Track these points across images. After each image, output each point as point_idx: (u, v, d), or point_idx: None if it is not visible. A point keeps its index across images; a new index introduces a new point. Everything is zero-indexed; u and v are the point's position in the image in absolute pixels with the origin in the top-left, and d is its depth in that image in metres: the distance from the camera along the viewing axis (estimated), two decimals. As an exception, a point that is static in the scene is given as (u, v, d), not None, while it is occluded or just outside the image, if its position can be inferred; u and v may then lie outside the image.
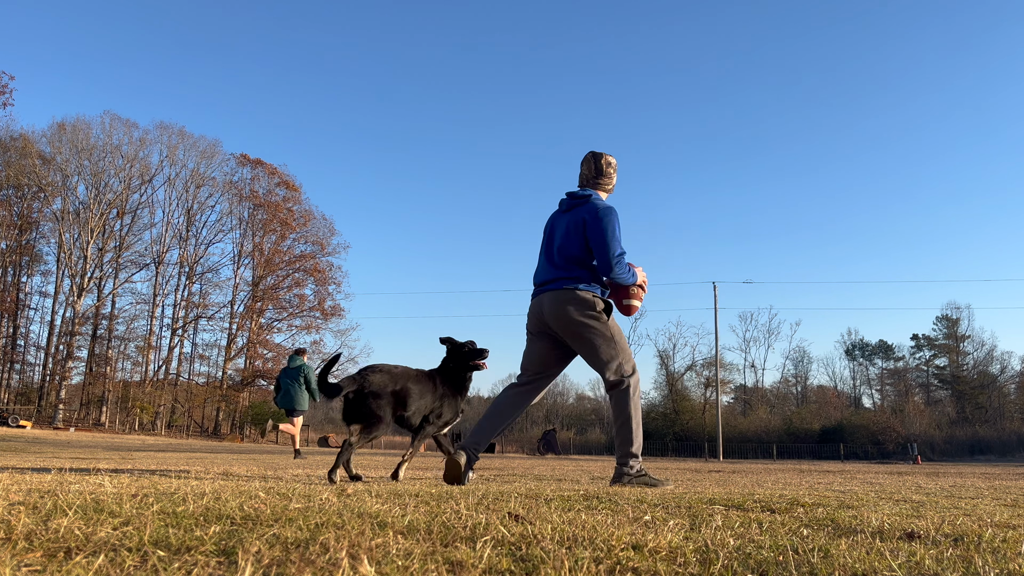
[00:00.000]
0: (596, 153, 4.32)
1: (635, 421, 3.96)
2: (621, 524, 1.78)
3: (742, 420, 47.85)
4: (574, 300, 4.00)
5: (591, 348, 4.01)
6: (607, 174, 4.30)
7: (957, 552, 1.49)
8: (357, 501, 2.16)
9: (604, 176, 4.29)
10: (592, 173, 4.30)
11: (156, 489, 2.41)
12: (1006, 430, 42.48)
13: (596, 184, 4.30)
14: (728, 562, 1.29)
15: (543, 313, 4.10)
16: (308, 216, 47.33)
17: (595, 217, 4.02)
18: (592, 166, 4.29)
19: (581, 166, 4.34)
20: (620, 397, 3.98)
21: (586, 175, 4.31)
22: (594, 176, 4.29)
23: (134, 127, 44.08)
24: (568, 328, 4.02)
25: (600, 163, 4.28)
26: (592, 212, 4.05)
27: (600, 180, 4.29)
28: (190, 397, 44.28)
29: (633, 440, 3.93)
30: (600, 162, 4.28)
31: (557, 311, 4.02)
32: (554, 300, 4.04)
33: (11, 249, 43.02)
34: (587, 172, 4.31)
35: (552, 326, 4.08)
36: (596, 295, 4.04)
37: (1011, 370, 53.98)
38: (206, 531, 1.40)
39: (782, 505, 2.48)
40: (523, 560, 1.25)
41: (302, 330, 46.42)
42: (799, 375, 61.23)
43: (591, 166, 4.30)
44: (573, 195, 4.24)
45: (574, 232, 4.09)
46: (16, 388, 45.00)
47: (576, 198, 4.22)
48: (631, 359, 4.07)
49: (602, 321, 4.00)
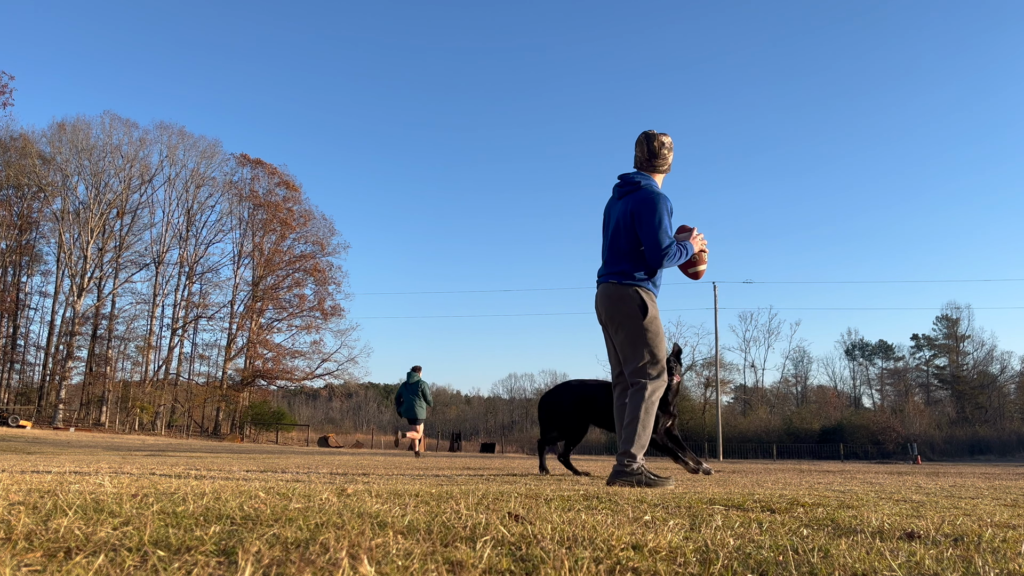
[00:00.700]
0: (649, 134, 4.20)
1: (642, 423, 3.94)
2: (621, 524, 1.78)
3: (742, 420, 47.82)
4: (616, 295, 4.05)
5: (623, 344, 4.07)
6: (661, 155, 4.18)
7: (957, 552, 1.49)
8: (357, 501, 2.16)
9: (658, 157, 4.18)
10: (645, 155, 4.19)
11: (156, 489, 2.41)
12: (1006, 430, 42.47)
13: (651, 166, 4.20)
14: (728, 562, 1.29)
15: (598, 306, 4.22)
16: (308, 216, 47.32)
17: (644, 208, 3.98)
18: (645, 148, 4.18)
19: (635, 147, 4.23)
20: (634, 396, 4.00)
21: (639, 157, 4.21)
22: (647, 158, 4.19)
23: (134, 127, 44.11)
24: (612, 322, 4.11)
25: (653, 144, 4.17)
26: (641, 202, 4.01)
27: (655, 162, 4.19)
28: (190, 397, 44.26)
29: (635, 440, 3.92)
30: (653, 143, 4.17)
31: (604, 305, 4.13)
32: (603, 294, 4.14)
33: (11, 249, 43.00)
34: (640, 154, 4.21)
35: (601, 318, 4.21)
36: (640, 289, 4.04)
37: (1011, 370, 54.01)
38: (206, 531, 1.40)
39: (782, 505, 2.48)
40: (523, 560, 1.25)
41: (302, 330, 46.43)
42: (799, 375, 61.24)
43: (644, 148, 4.19)
44: (625, 180, 4.18)
45: (623, 223, 4.07)
46: (16, 388, 44.99)
47: (627, 184, 4.15)
48: (660, 363, 4.03)
49: (636, 320, 4.00)
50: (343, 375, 46.79)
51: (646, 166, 4.21)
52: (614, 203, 4.22)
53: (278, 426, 44.96)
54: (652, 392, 3.98)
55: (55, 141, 42.08)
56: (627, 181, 4.17)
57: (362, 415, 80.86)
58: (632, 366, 4.02)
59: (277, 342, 46.08)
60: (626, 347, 4.05)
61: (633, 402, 3.98)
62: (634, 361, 4.01)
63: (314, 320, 46.22)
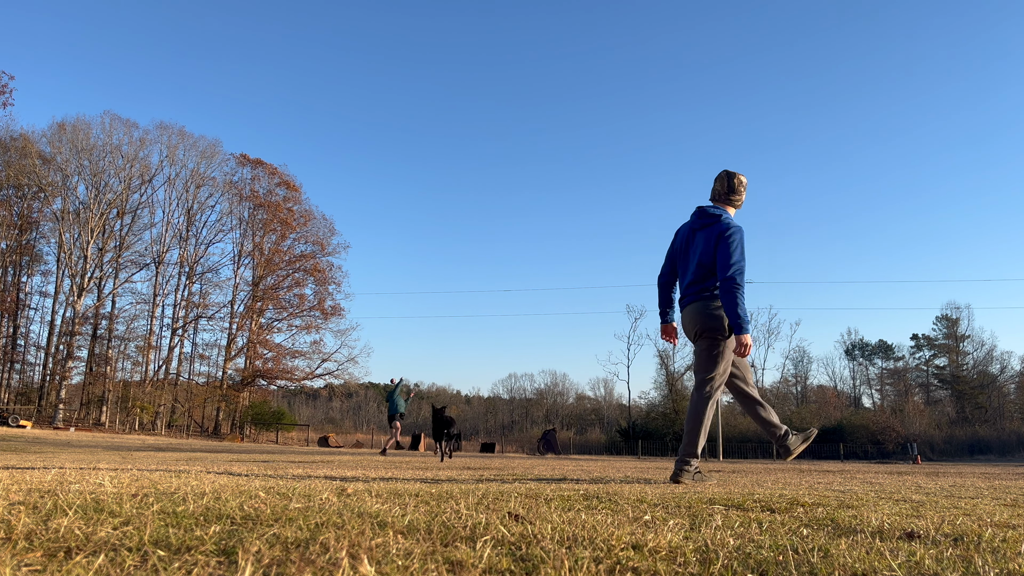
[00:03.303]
0: (729, 172, 4.68)
1: (704, 428, 4.40)
2: (621, 524, 1.78)
3: (742, 420, 47.79)
4: (707, 313, 4.46)
5: (700, 357, 4.52)
6: (738, 191, 4.66)
7: (957, 552, 1.49)
8: (357, 501, 2.16)
9: (735, 193, 4.66)
10: (724, 190, 4.66)
11: (156, 489, 2.41)
12: (1006, 430, 42.46)
13: (728, 200, 4.66)
14: (728, 562, 1.29)
15: (686, 322, 4.62)
16: (308, 216, 47.30)
17: (725, 237, 4.41)
18: (725, 183, 4.66)
19: (714, 182, 4.70)
20: (699, 400, 4.45)
21: (718, 191, 4.67)
22: (726, 192, 4.65)
23: (134, 127, 44.07)
24: (699, 336, 4.52)
25: (733, 182, 4.65)
26: (723, 232, 4.43)
27: (732, 197, 4.66)
28: (190, 397, 44.24)
29: (697, 443, 4.38)
30: (733, 180, 4.65)
31: (694, 320, 4.52)
32: (694, 311, 4.53)
33: (11, 249, 42.99)
34: (720, 188, 4.67)
35: (687, 333, 4.63)
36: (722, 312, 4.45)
37: (1011, 370, 53.99)
38: (206, 531, 1.40)
39: (782, 505, 2.48)
40: (523, 560, 1.25)
41: (302, 330, 46.41)
42: (799, 375, 61.22)
43: (724, 183, 4.66)
44: (705, 212, 4.61)
45: (707, 250, 4.49)
46: (16, 388, 44.97)
47: (708, 216, 4.58)
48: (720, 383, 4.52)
49: (719, 339, 4.44)
50: (343, 375, 46.81)
51: (723, 200, 4.67)
52: (695, 231, 4.62)
53: (278, 426, 44.93)
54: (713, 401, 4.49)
55: (55, 141, 42.07)
56: (707, 214, 4.59)
57: (362, 415, 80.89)
58: (702, 377, 4.48)
59: (277, 342, 46.10)
60: (700, 360, 4.53)
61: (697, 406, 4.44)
62: (706, 375, 4.47)
63: (314, 320, 46.22)
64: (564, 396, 72.11)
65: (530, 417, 68.57)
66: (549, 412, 67.19)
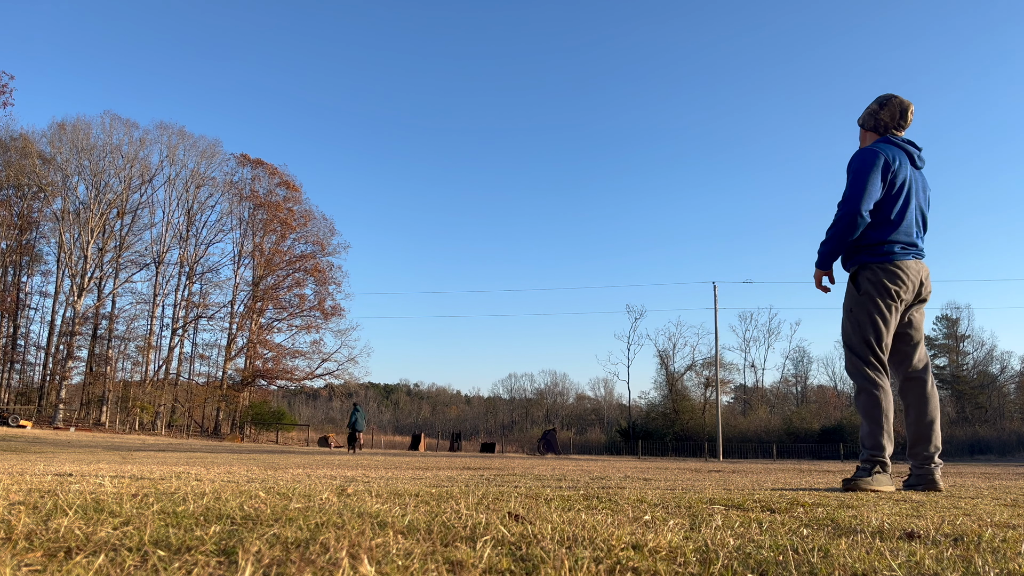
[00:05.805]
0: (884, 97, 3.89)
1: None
2: (621, 524, 1.78)
3: (742, 420, 47.85)
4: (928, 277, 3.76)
5: (920, 330, 3.81)
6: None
7: (957, 552, 1.49)
8: (357, 501, 2.16)
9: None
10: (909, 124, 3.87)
11: (156, 489, 2.42)
12: (1006, 430, 42.47)
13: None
14: (728, 562, 1.29)
15: (923, 282, 3.70)
16: (308, 216, 47.32)
17: (929, 191, 3.83)
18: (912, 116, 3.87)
19: (908, 114, 3.84)
20: (934, 390, 3.93)
21: (907, 127, 3.88)
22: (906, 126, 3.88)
23: (134, 127, 44.10)
24: (922, 303, 3.76)
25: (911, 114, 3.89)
26: (926, 182, 3.82)
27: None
28: (190, 397, 44.25)
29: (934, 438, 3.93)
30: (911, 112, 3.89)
31: (926, 282, 3.72)
32: (927, 272, 3.74)
33: (11, 249, 42.99)
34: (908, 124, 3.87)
35: (911, 296, 3.68)
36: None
37: (1011, 370, 54.01)
38: (206, 531, 1.40)
39: (782, 505, 2.48)
40: (523, 560, 1.25)
41: (302, 330, 46.44)
42: (799, 375, 61.27)
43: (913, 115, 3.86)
44: (919, 152, 3.81)
45: (925, 197, 3.81)
46: (16, 388, 44.98)
47: (921, 158, 3.82)
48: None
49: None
50: (343, 375, 46.84)
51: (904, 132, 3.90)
52: (915, 172, 3.78)
53: (278, 426, 44.94)
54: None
55: (55, 141, 42.09)
56: (920, 156, 3.81)
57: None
58: (925, 354, 3.78)
59: (277, 342, 46.14)
60: (921, 333, 3.72)
61: (935, 397, 3.87)
62: (925, 350, 3.74)
63: (314, 320, 46.25)
64: (564, 396, 72.20)
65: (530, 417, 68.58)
66: (549, 412, 67.24)
